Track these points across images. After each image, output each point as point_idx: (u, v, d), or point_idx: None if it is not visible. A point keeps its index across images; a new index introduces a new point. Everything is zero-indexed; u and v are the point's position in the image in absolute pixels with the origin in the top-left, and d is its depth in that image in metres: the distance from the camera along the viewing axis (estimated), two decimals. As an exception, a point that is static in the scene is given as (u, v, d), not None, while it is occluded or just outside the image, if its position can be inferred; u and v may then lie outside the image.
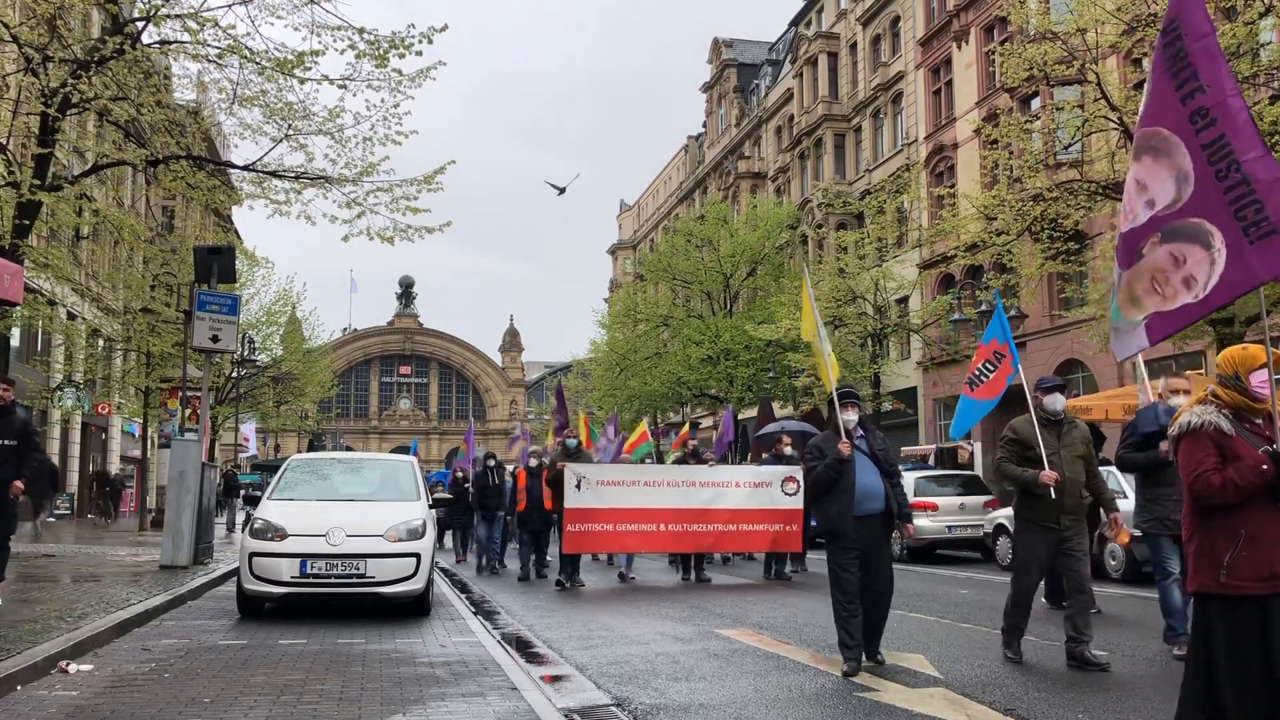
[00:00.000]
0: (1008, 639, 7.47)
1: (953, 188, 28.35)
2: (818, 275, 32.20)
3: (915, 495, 18.13)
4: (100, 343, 31.74)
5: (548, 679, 6.90)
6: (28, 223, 13.62)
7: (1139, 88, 19.31)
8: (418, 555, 9.69)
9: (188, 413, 24.45)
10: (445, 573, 15.97)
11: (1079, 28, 17.23)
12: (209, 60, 13.26)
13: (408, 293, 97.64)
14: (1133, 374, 23.84)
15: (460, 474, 19.89)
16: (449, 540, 21.48)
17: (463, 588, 13.97)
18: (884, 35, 38.28)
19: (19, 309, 15.25)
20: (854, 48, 40.47)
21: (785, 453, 15.50)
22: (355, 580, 9.46)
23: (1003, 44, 23.84)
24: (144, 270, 26.41)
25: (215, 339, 14.55)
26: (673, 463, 17.71)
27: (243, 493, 29.08)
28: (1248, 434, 4.22)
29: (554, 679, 6.93)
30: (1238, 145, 3.99)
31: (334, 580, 9.45)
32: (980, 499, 17.99)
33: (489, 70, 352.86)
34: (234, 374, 33.30)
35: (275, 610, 9.88)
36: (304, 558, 9.42)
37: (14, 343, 21.59)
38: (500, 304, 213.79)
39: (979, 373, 9.69)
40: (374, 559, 9.50)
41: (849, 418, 7.30)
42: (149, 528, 25.50)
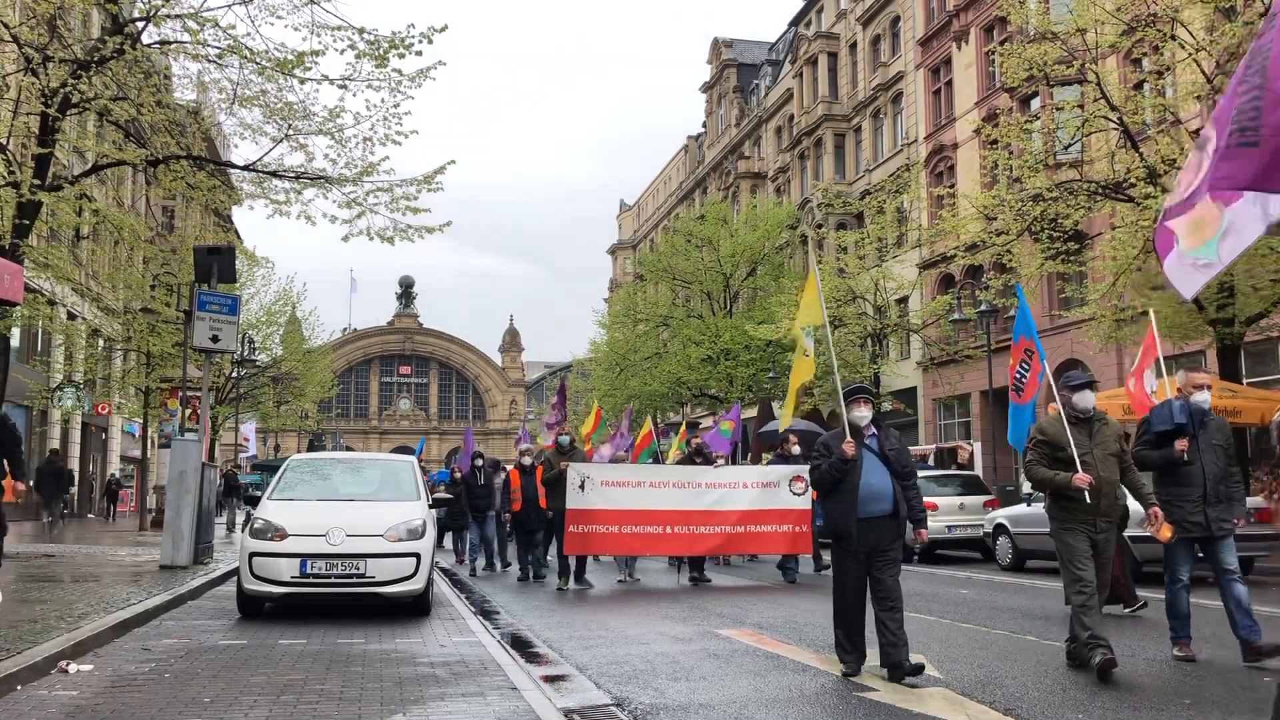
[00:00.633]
0: (1091, 651, 6.62)
1: (952, 188, 28.38)
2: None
3: (915, 495, 18.17)
4: (100, 343, 31.74)
5: (547, 679, 6.89)
6: (28, 223, 13.64)
7: (1139, 88, 19.33)
8: (418, 555, 9.69)
9: (188, 413, 24.44)
10: (445, 573, 15.97)
11: (1079, 28, 17.24)
12: (209, 60, 13.28)
13: (408, 293, 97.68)
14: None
15: (459, 474, 19.70)
16: (449, 541, 21.14)
17: (463, 588, 13.95)
18: (884, 35, 38.28)
19: (19, 309, 15.25)
20: (854, 48, 40.47)
21: (792, 452, 15.21)
22: (355, 580, 9.46)
23: (1003, 44, 23.86)
24: (144, 270, 26.43)
25: (215, 339, 14.54)
26: (674, 463, 17.44)
27: (243, 493, 29.12)
28: None
29: (554, 679, 6.93)
30: (1276, 50, 3.55)
31: (334, 580, 9.45)
32: (980, 499, 18.01)
33: (494, 68, 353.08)
34: (234, 374, 33.32)
35: (275, 610, 9.88)
36: (304, 557, 9.42)
37: (14, 343, 21.57)
38: (500, 304, 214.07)
39: (1019, 375, 9.26)
40: (374, 559, 9.50)
41: (859, 415, 7.03)
42: (149, 528, 25.50)
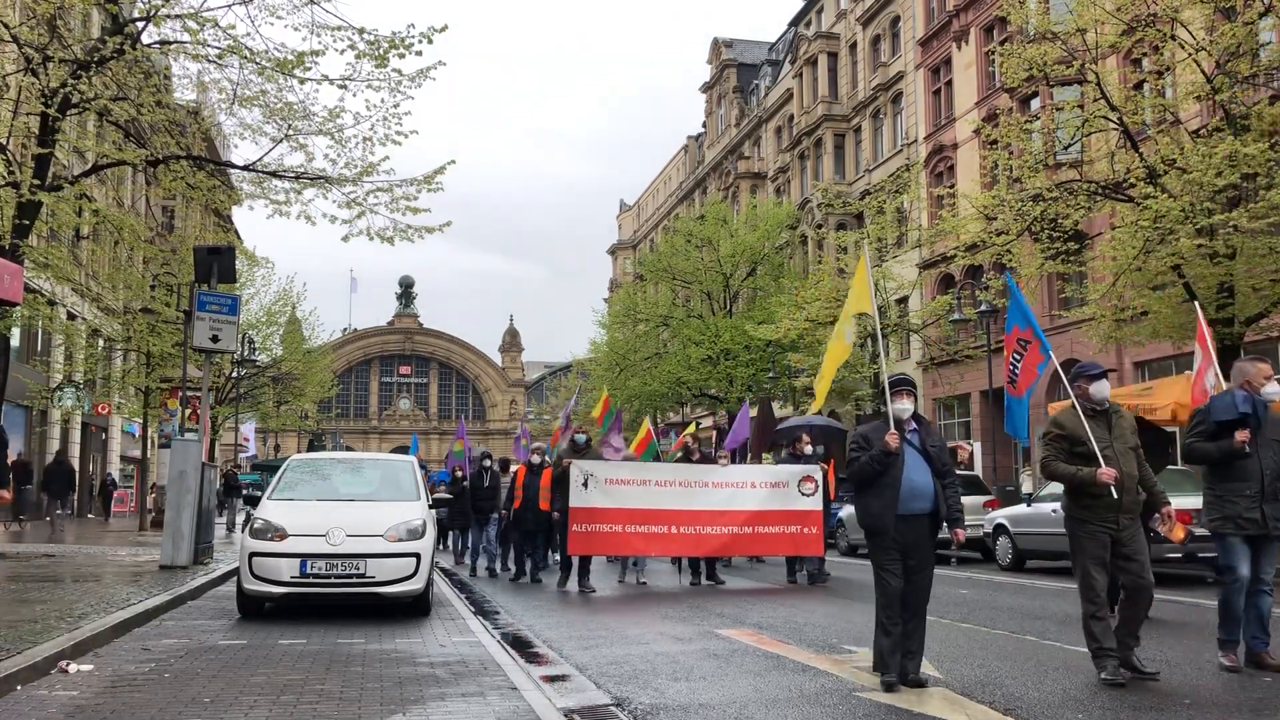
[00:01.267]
0: (1100, 662, 6.56)
1: (952, 188, 28.36)
2: (817, 275, 32.22)
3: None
4: (100, 343, 31.75)
5: (547, 679, 6.90)
6: (28, 223, 13.64)
7: (1139, 88, 19.33)
8: (418, 555, 9.68)
9: (188, 413, 24.45)
10: (445, 573, 15.96)
11: (1079, 28, 17.23)
12: (209, 60, 13.28)
13: (408, 293, 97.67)
14: (1133, 376, 23.91)
15: (460, 473, 19.33)
16: (448, 542, 20.98)
17: (463, 588, 13.95)
18: (884, 35, 38.28)
19: (19, 309, 15.25)
20: (854, 48, 40.48)
21: (805, 451, 14.75)
22: (355, 580, 9.46)
23: (1003, 44, 23.85)
24: (144, 270, 26.42)
25: (215, 339, 14.53)
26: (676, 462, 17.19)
27: (243, 493, 29.11)
28: None
29: (554, 679, 6.93)
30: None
31: (334, 580, 9.44)
32: (980, 499, 18.02)
33: (494, 68, 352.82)
34: (234, 374, 33.32)
35: (275, 610, 9.88)
36: (304, 558, 9.42)
37: (14, 343, 21.58)
38: (500, 304, 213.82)
39: (1012, 366, 9.03)
40: (374, 559, 9.49)
41: (902, 407, 6.64)
42: (149, 528, 25.50)
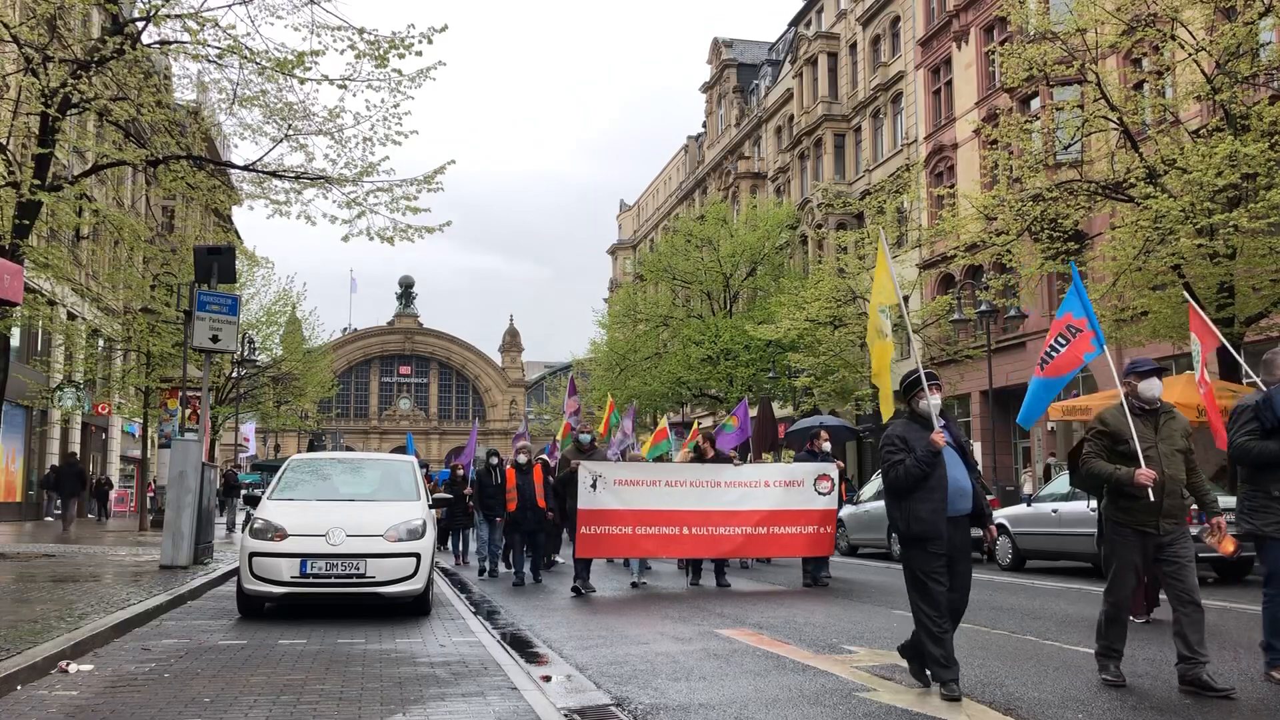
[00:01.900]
0: (1103, 661, 6.55)
1: (952, 188, 28.37)
2: (817, 275, 32.23)
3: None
4: (100, 343, 31.74)
5: (547, 679, 6.89)
6: (28, 223, 13.65)
7: (1139, 88, 19.33)
8: (417, 555, 9.69)
9: (188, 413, 24.46)
10: (445, 573, 15.95)
11: (1079, 28, 17.25)
12: (209, 60, 13.30)
13: (408, 293, 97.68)
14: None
15: (462, 471, 19.07)
16: (449, 543, 20.46)
17: (463, 588, 13.95)
18: (884, 35, 38.29)
19: (19, 309, 15.25)
20: (854, 48, 40.48)
21: (824, 448, 14.18)
22: (355, 580, 9.46)
23: (1003, 44, 23.86)
24: (144, 270, 26.41)
25: (215, 339, 14.54)
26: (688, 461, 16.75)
27: (243, 493, 29.09)
28: None
29: (554, 679, 6.93)
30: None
31: (334, 580, 9.45)
32: (980, 499, 17.97)
33: (494, 68, 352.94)
34: (234, 374, 33.31)
35: (275, 610, 9.88)
36: (304, 558, 9.42)
37: (14, 343, 21.58)
38: (500, 304, 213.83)
39: (1051, 349, 8.54)
40: (374, 559, 9.50)
41: (938, 402, 6.36)
42: (149, 528, 25.51)
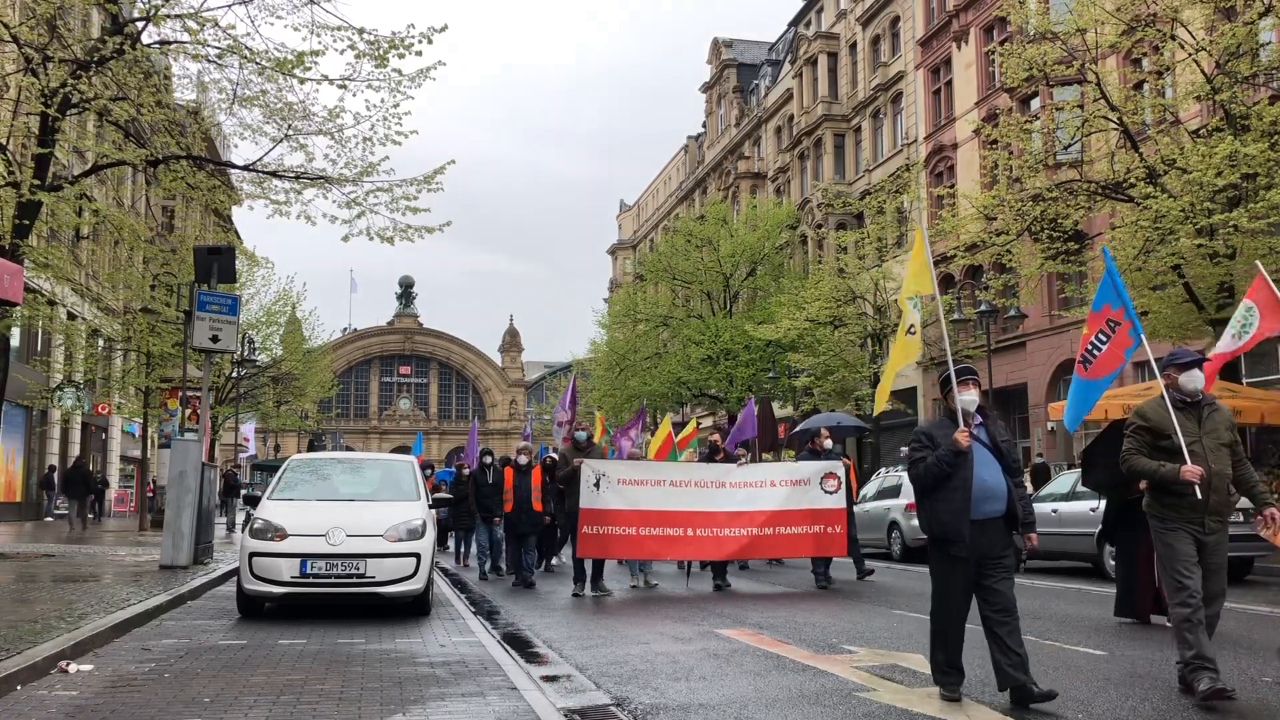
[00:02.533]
0: (1196, 675, 5.83)
1: (952, 188, 28.37)
2: (817, 275, 32.23)
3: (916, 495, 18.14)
4: (100, 343, 31.75)
5: (547, 679, 6.89)
6: (28, 223, 13.67)
7: (1139, 88, 19.34)
8: (417, 555, 9.69)
9: (188, 413, 24.47)
10: (445, 573, 15.95)
11: (1079, 28, 17.26)
12: (209, 60, 13.32)
13: (408, 293, 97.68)
14: (1133, 377, 23.87)
15: (468, 470, 18.72)
16: (450, 543, 20.28)
17: (463, 588, 13.94)
18: (884, 35, 38.29)
19: (19, 309, 15.26)
20: (854, 48, 40.48)
21: (824, 447, 14.14)
22: (355, 580, 9.46)
23: (1002, 44, 23.86)
24: (144, 270, 26.44)
25: (215, 339, 14.54)
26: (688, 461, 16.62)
27: (243, 492, 29.11)
28: None
29: (554, 679, 6.93)
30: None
31: (334, 580, 9.45)
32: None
33: (494, 68, 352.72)
34: (234, 374, 33.31)
35: (275, 610, 9.88)
36: (304, 558, 9.42)
37: (14, 343, 21.60)
38: (501, 304, 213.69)
39: (1091, 347, 8.15)
40: (374, 559, 9.50)
41: (969, 399, 6.05)
42: (149, 528, 25.51)
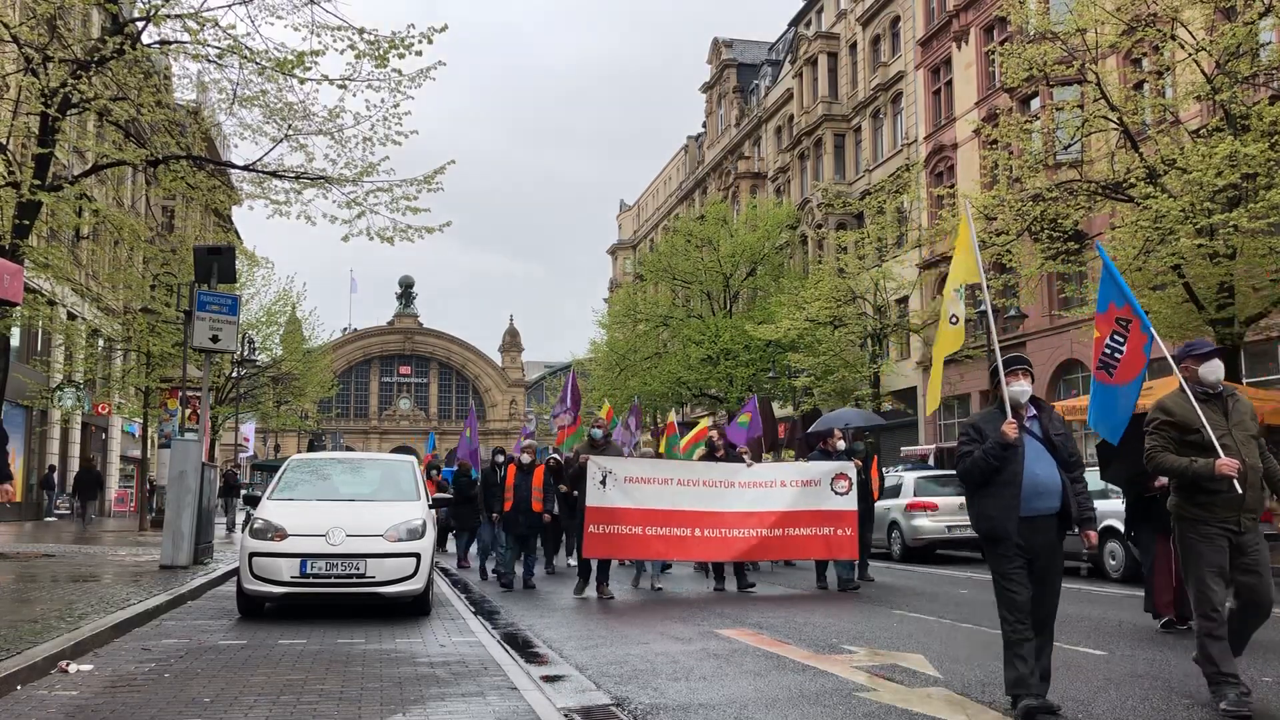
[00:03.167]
0: (1220, 690, 5.59)
1: (952, 188, 28.37)
2: (817, 275, 32.23)
3: (915, 495, 18.20)
4: (100, 343, 31.74)
5: (547, 679, 6.89)
6: (28, 223, 13.67)
7: (1139, 88, 19.34)
8: (418, 555, 9.69)
9: (188, 413, 24.46)
10: (445, 573, 15.94)
11: (1079, 28, 17.25)
12: (209, 60, 13.32)
13: (408, 293, 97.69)
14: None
15: (477, 468, 18.30)
16: (451, 544, 19.69)
17: (463, 588, 13.94)
18: (884, 35, 38.30)
19: (19, 309, 15.26)
20: (854, 48, 40.49)
21: (837, 448, 13.75)
22: (355, 580, 9.46)
23: (1003, 44, 23.86)
24: (144, 270, 26.45)
25: (215, 339, 14.54)
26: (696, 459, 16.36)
27: (243, 492, 29.13)
28: None
29: (554, 679, 6.93)
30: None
31: (334, 580, 9.45)
32: (980, 499, 18.01)
33: (496, 67, 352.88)
34: (234, 374, 33.31)
35: (275, 610, 9.88)
36: (304, 558, 9.42)
37: (14, 343, 21.62)
38: (501, 304, 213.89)
39: (1110, 350, 7.53)
40: (374, 559, 9.50)
41: (1020, 389, 5.70)
42: (149, 528, 25.51)
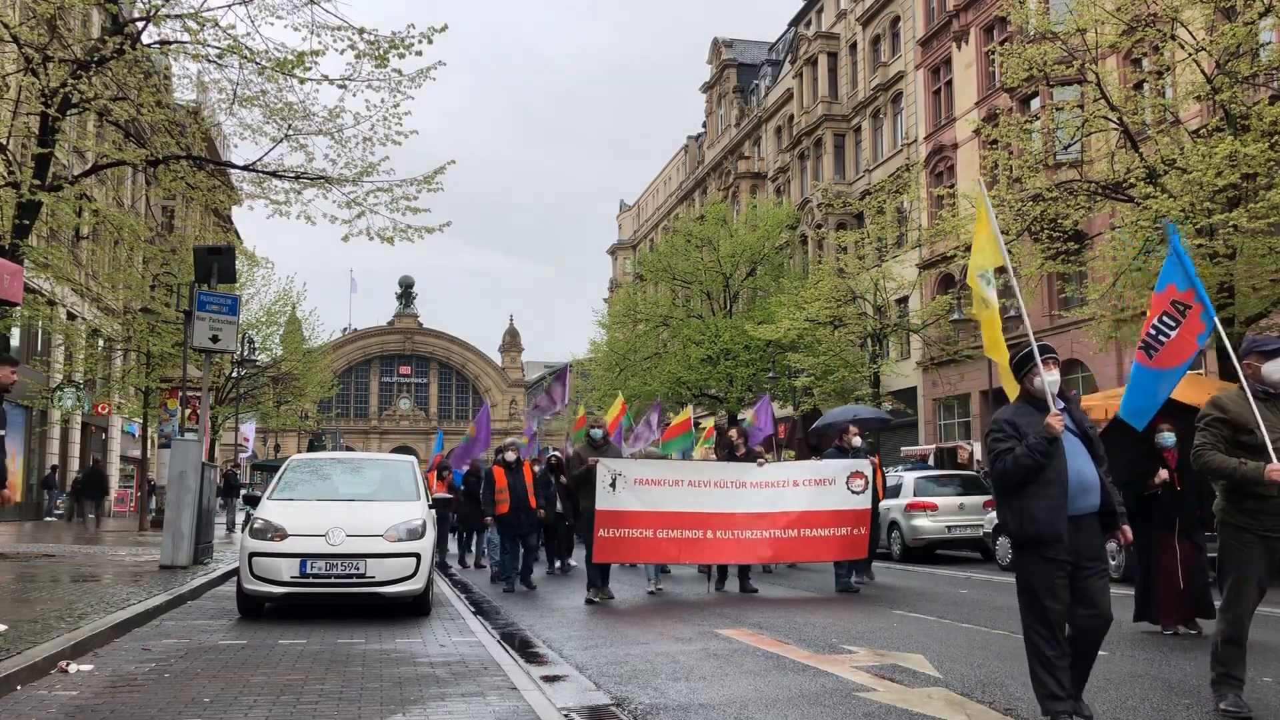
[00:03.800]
0: (1221, 690, 5.51)
1: (952, 188, 28.35)
2: (817, 275, 32.23)
3: (915, 495, 18.19)
4: (100, 343, 31.74)
5: (547, 679, 6.89)
6: (28, 223, 13.66)
7: (1139, 88, 19.33)
8: (418, 555, 9.69)
9: (188, 413, 24.47)
10: (445, 573, 15.95)
11: (1079, 28, 17.26)
12: (209, 60, 13.31)
13: (408, 293, 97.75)
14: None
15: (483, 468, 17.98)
16: (452, 545, 18.98)
17: (463, 588, 13.94)
18: (884, 35, 38.30)
19: (19, 309, 15.27)
20: (854, 48, 40.49)
21: (854, 444, 13.33)
22: (355, 580, 9.46)
23: (1003, 44, 23.87)
24: (144, 270, 26.46)
25: (215, 339, 14.54)
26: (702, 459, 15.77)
27: (243, 492, 29.16)
28: None
29: (554, 679, 6.93)
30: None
31: (334, 580, 9.45)
32: (980, 499, 18.01)
33: (497, 68, 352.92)
34: (234, 374, 33.31)
35: (275, 610, 9.88)
36: (304, 558, 9.42)
37: (14, 343, 21.65)
38: (501, 303, 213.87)
39: (1155, 331, 6.98)
40: (374, 559, 9.50)
41: (1053, 380, 5.26)
42: (149, 528, 25.51)
